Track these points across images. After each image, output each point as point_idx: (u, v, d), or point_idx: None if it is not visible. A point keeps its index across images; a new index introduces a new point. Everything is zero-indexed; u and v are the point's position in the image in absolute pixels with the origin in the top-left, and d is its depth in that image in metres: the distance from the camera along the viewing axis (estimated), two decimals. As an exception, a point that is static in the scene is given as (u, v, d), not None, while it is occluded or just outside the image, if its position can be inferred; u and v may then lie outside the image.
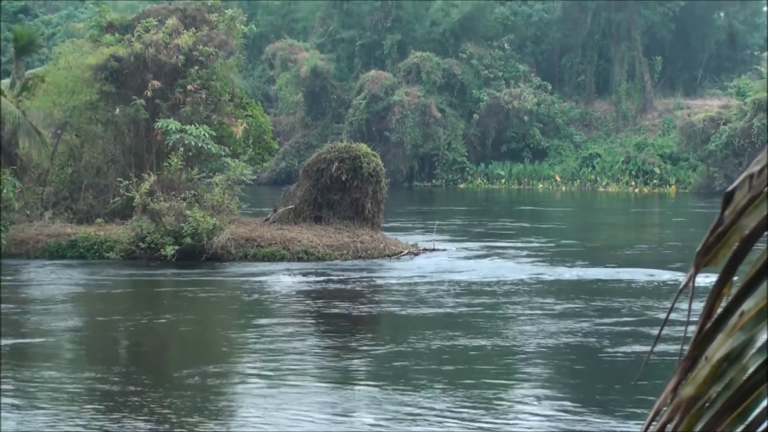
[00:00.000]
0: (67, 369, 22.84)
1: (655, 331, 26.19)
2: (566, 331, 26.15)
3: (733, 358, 2.29)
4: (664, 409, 2.43)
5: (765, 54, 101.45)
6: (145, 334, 26.97)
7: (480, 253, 42.53)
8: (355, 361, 23.37)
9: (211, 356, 24.53)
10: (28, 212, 43.45)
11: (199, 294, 33.36)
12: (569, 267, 38.69)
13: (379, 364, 22.99)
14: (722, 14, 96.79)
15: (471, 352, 23.82)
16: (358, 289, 33.94)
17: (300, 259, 39.00)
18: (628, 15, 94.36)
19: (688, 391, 2.34)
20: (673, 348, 20.84)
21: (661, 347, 22.35)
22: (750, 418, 2.30)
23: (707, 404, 2.32)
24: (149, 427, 17.36)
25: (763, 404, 2.30)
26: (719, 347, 2.32)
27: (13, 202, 40.48)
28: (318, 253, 39.49)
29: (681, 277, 35.43)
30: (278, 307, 30.80)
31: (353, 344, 25.42)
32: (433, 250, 42.59)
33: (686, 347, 2.43)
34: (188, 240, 37.77)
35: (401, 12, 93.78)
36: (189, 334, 27.41)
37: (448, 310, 29.98)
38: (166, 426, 17.43)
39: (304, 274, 36.17)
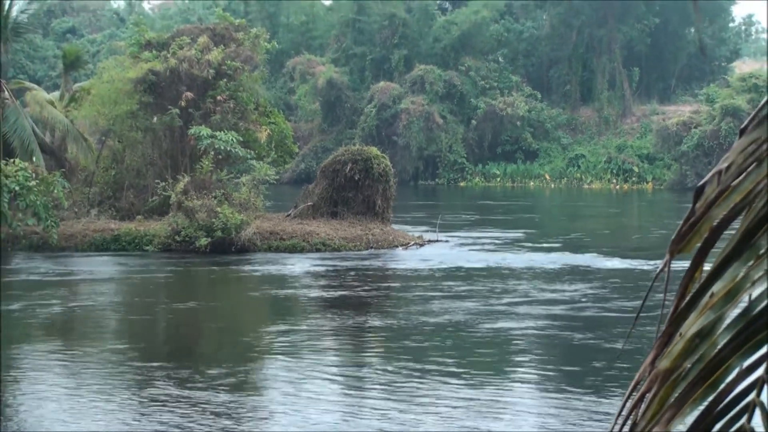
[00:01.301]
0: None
1: (528, 310, 26.54)
2: (458, 310, 26.52)
3: (704, 334, 2.30)
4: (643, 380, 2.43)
5: (733, 64, 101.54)
6: (179, 313, 27.05)
7: (475, 243, 42.52)
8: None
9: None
10: (76, 210, 43.57)
11: (228, 280, 33.49)
12: (520, 253, 39.20)
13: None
14: (692, 30, 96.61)
15: (357, 329, 24.03)
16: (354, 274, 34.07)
17: (318, 250, 39.04)
18: (609, 31, 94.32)
19: (664, 364, 2.34)
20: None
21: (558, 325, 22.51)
22: (720, 388, 2.30)
23: (682, 376, 2.32)
24: (176, 393, 17.37)
25: (732, 375, 2.30)
26: (692, 325, 2.32)
27: (63, 200, 40.59)
28: (334, 245, 39.54)
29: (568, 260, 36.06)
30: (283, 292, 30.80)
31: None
32: (437, 241, 42.62)
33: (663, 325, 2.43)
34: (219, 234, 37.89)
35: (407, 30, 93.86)
36: (216, 315, 27.45)
37: (373, 292, 30.24)
38: (195, 392, 17.45)
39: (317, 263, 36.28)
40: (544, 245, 41.87)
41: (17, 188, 37.73)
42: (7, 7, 46.42)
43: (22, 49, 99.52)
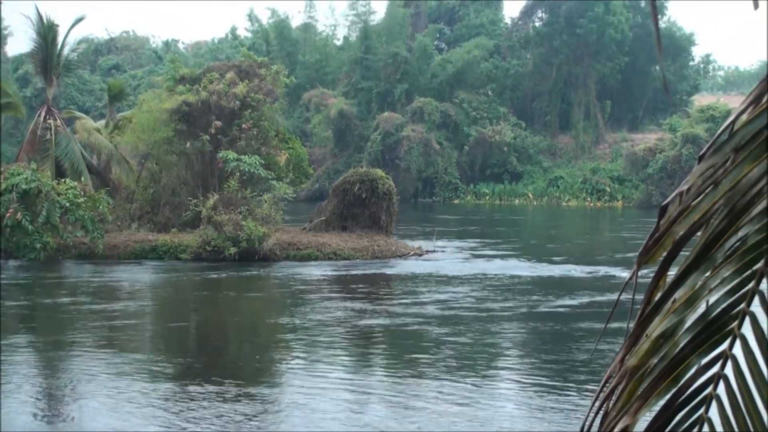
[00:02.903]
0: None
1: (405, 309, 26.65)
2: (349, 309, 26.76)
3: (667, 335, 2.29)
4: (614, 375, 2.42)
5: (693, 98, 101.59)
6: (210, 310, 27.05)
7: (464, 253, 42.50)
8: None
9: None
10: (119, 223, 43.64)
11: (254, 284, 33.47)
12: (487, 261, 39.40)
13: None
14: (657, 68, 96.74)
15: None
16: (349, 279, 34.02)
17: (330, 259, 39.06)
18: (584, 68, 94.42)
19: (632, 361, 2.34)
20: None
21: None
22: (681, 383, 2.30)
23: (647, 372, 2.32)
24: (210, 389, 17.32)
25: (692, 372, 2.30)
26: (657, 327, 2.32)
27: (108, 215, 40.69)
28: (344, 254, 39.54)
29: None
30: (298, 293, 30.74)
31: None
32: (434, 251, 42.60)
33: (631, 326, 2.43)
34: (244, 244, 37.90)
35: (408, 67, 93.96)
36: (243, 310, 27.44)
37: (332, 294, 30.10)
38: (230, 386, 17.40)
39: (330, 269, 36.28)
40: (489, 253, 42.20)
41: (68, 204, 37.92)
42: (59, 46, 46.63)
43: (72, 83, 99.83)
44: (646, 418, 2.34)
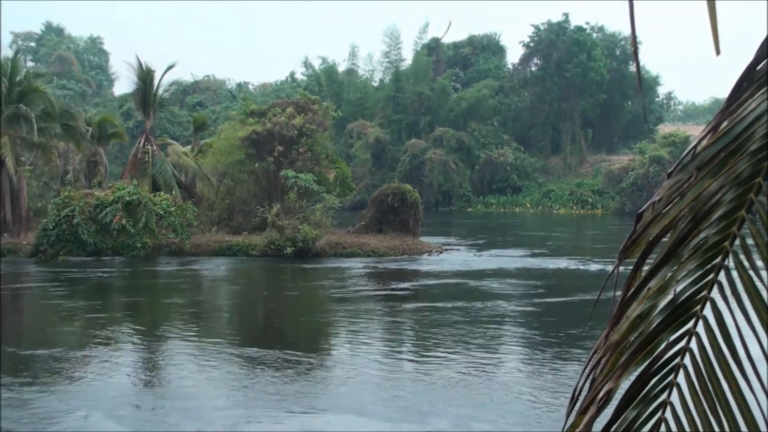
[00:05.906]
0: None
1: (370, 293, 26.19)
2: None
3: (643, 316, 2.29)
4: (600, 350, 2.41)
5: (658, 127, 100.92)
6: (271, 298, 27.12)
7: (475, 251, 42.37)
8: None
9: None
10: (202, 227, 43.89)
11: (309, 274, 33.54)
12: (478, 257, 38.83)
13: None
14: (629, 103, 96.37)
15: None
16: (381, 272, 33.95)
17: (369, 256, 39.10)
18: (571, 104, 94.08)
19: (614, 337, 2.33)
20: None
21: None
22: (654, 355, 2.29)
23: (627, 346, 2.31)
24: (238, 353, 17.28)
25: (663, 346, 2.29)
26: (635, 310, 2.31)
27: (193, 221, 41.00)
28: (380, 252, 39.58)
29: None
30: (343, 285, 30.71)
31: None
32: (452, 249, 42.55)
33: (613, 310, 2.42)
34: (300, 244, 38.06)
35: (431, 103, 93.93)
36: (297, 299, 27.48)
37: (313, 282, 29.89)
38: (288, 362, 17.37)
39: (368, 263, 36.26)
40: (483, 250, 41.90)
41: (162, 212, 38.33)
42: (155, 87, 47.13)
43: (165, 117, 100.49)
44: (626, 384, 2.33)
